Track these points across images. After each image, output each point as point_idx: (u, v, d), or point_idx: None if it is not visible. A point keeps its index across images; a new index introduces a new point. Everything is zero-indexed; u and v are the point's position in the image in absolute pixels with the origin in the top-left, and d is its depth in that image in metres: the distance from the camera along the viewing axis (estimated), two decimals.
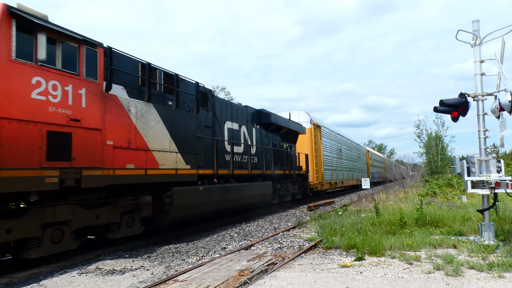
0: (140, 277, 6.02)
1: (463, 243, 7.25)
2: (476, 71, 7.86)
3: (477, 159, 7.75)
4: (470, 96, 7.90)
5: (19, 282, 5.84)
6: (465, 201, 14.40)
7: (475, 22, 7.96)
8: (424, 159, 54.87)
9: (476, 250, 6.67)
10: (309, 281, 5.35)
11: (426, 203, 12.87)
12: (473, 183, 7.74)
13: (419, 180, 34.84)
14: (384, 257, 6.66)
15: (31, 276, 6.16)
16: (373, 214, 10.40)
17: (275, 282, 5.33)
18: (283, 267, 6.17)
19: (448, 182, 23.88)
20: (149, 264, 6.85)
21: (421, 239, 7.53)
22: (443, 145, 52.81)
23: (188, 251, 7.99)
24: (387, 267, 6.00)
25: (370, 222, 9.47)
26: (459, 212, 10.51)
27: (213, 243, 8.87)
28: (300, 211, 15.99)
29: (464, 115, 8.16)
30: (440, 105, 8.25)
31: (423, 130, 54.56)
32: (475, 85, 7.85)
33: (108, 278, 5.99)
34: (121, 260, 7.12)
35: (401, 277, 5.42)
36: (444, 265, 5.79)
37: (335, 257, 6.86)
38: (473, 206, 11.72)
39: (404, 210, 10.22)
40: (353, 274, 5.65)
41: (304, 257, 6.98)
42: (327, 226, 9.44)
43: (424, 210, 10.01)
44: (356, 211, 12.68)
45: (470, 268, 5.72)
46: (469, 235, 8.25)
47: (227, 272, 5.96)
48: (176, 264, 6.90)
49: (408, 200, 15.08)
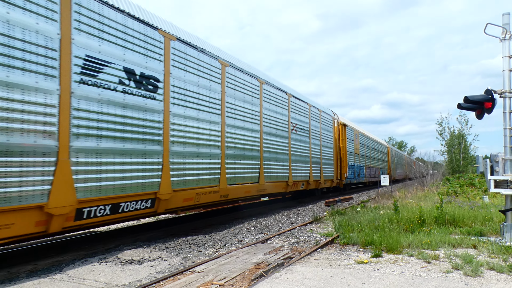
0: (158, 267, 6.13)
1: (484, 243, 7.11)
2: (504, 66, 7.65)
3: (501, 158, 7.56)
4: (497, 93, 7.70)
5: (42, 270, 6.03)
6: (487, 201, 14.07)
7: (505, 15, 7.73)
8: (446, 158, 53.81)
9: (496, 251, 6.53)
10: (325, 276, 5.35)
11: (446, 202, 12.65)
12: (496, 182, 7.57)
13: (439, 179, 34.23)
14: (401, 255, 6.59)
15: (54, 264, 6.36)
16: (391, 212, 10.28)
17: (291, 276, 5.35)
18: (299, 261, 6.18)
19: (470, 182, 23.40)
20: (166, 255, 6.97)
21: (440, 238, 7.42)
22: (466, 143, 51.62)
23: (205, 243, 8.08)
24: (405, 265, 5.94)
25: (388, 219, 9.37)
26: (481, 212, 10.28)
27: (230, 236, 8.95)
28: (317, 207, 15.93)
29: (489, 112, 7.97)
30: (465, 101, 8.08)
31: (446, 128, 53.48)
32: (502, 81, 7.65)
33: (126, 267, 6.13)
34: (140, 250, 7.26)
35: (418, 275, 5.36)
36: (463, 265, 5.69)
37: (352, 253, 6.83)
38: (495, 207, 11.45)
39: (423, 208, 10.07)
40: (370, 271, 5.61)
41: (321, 252, 6.97)
42: (345, 222, 9.39)
43: (444, 209, 9.84)
44: (374, 207, 12.55)
45: (490, 269, 5.61)
46: (490, 235, 8.07)
47: (243, 264, 6.01)
48: (193, 256, 7.00)
49: (428, 199, 14.85)
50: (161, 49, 8.33)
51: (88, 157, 6.56)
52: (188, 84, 9.14)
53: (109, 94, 7.01)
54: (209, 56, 9.98)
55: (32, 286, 5.17)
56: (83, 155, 6.48)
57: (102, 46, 6.93)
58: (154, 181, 7.95)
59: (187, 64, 9.12)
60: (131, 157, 7.45)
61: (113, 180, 7.00)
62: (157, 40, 8.24)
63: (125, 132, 7.30)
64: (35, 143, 5.72)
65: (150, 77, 8.00)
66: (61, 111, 6.09)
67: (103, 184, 6.80)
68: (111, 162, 7.00)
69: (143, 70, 7.83)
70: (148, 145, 7.86)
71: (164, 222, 11.38)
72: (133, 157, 7.50)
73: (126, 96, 7.36)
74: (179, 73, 8.85)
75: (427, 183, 27.83)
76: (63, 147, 6.11)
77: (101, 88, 6.87)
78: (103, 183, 6.80)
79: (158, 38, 8.29)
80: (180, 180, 8.71)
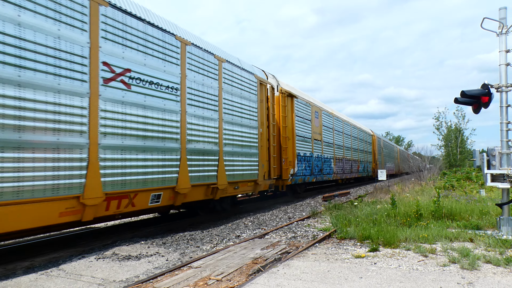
0: (156, 263, 6.12)
1: (480, 237, 7.13)
2: (501, 61, 7.64)
3: (498, 152, 7.58)
4: (494, 87, 7.70)
5: (39, 266, 6.01)
6: (484, 195, 14.13)
7: (502, 10, 7.71)
8: (443, 152, 53.98)
9: (493, 245, 6.55)
10: (323, 270, 5.36)
11: (443, 196, 12.69)
12: (493, 176, 7.58)
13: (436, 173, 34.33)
14: (398, 249, 6.61)
15: (51, 260, 6.34)
16: (388, 206, 10.31)
17: (288, 270, 5.36)
18: (296, 256, 6.18)
19: (466, 176, 23.46)
20: (164, 251, 6.96)
21: (437, 232, 7.44)
22: (463, 138, 51.79)
23: (202, 239, 8.08)
24: (402, 259, 5.95)
25: (386, 213, 9.39)
26: (477, 206, 10.32)
27: (228, 231, 8.95)
28: (315, 201, 15.96)
29: (486, 106, 7.98)
30: (462, 96, 8.07)
31: (443, 123, 53.63)
32: (499, 75, 7.65)
33: (124, 263, 6.12)
34: (137, 246, 7.26)
35: (415, 269, 5.38)
36: (460, 258, 5.71)
37: (349, 248, 6.84)
38: (492, 200, 11.50)
39: (420, 202, 10.10)
40: (367, 265, 5.62)
41: (318, 246, 6.98)
42: (342, 216, 9.41)
43: (441, 203, 9.87)
44: (372, 202, 12.58)
45: (486, 262, 5.64)
46: (486, 229, 8.10)
47: (241, 259, 6.01)
48: (190, 251, 7.00)
49: (425, 193, 14.89)
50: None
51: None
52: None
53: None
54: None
55: (29, 282, 5.16)
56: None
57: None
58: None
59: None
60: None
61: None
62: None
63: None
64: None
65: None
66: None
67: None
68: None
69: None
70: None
71: (161, 218, 11.37)
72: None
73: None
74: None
75: (424, 177, 27.92)
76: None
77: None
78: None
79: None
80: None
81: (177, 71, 8.96)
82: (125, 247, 7.17)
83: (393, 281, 4.85)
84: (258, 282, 4.84)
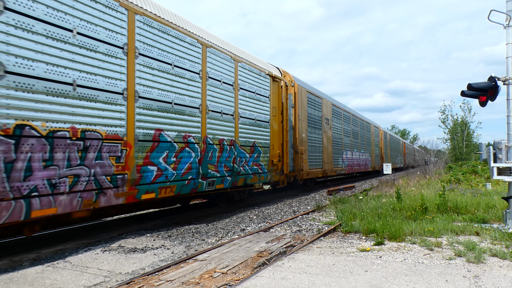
0: (161, 256, 6.16)
1: (486, 230, 7.10)
2: (508, 53, 7.56)
3: (505, 145, 7.52)
4: (500, 80, 7.63)
5: (46, 258, 6.06)
6: (490, 188, 14.06)
7: (509, 2, 7.61)
8: (449, 146, 53.67)
9: (499, 238, 6.52)
10: (328, 264, 5.36)
11: (449, 189, 12.63)
12: (499, 169, 7.53)
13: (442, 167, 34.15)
14: (404, 243, 6.60)
15: (57, 252, 6.39)
16: (394, 200, 10.28)
17: (293, 264, 5.37)
18: (301, 250, 6.19)
19: (472, 169, 23.34)
20: (169, 244, 7.00)
21: (443, 226, 7.41)
22: (469, 131, 51.43)
23: (207, 232, 8.11)
24: (407, 252, 5.94)
25: (391, 207, 9.37)
26: (483, 199, 10.27)
27: (233, 225, 8.97)
28: (319, 195, 15.96)
29: (492, 99, 7.91)
30: (468, 89, 8.01)
31: (449, 116, 53.23)
32: (506, 68, 7.57)
33: (130, 256, 6.16)
34: (143, 239, 7.30)
35: (421, 262, 5.37)
36: (465, 252, 5.69)
37: (354, 241, 6.84)
38: (498, 194, 11.43)
39: (426, 196, 10.06)
40: (372, 258, 5.62)
41: (323, 240, 6.98)
42: (347, 210, 9.40)
43: (446, 197, 9.83)
44: (377, 196, 12.55)
45: (492, 255, 5.61)
46: (492, 222, 8.07)
47: (245, 253, 6.02)
48: (196, 244, 7.02)
49: (431, 187, 14.83)
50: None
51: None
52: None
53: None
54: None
55: (36, 274, 5.20)
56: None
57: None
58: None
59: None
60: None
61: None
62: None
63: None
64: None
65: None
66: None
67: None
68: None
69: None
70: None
71: (167, 211, 11.42)
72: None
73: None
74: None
75: (430, 171, 27.79)
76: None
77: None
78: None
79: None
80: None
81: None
82: (131, 239, 7.21)
83: (398, 274, 4.84)
84: (263, 275, 4.86)
